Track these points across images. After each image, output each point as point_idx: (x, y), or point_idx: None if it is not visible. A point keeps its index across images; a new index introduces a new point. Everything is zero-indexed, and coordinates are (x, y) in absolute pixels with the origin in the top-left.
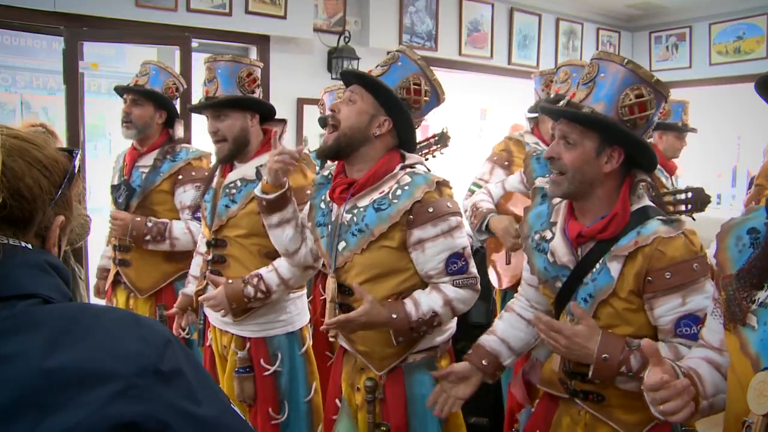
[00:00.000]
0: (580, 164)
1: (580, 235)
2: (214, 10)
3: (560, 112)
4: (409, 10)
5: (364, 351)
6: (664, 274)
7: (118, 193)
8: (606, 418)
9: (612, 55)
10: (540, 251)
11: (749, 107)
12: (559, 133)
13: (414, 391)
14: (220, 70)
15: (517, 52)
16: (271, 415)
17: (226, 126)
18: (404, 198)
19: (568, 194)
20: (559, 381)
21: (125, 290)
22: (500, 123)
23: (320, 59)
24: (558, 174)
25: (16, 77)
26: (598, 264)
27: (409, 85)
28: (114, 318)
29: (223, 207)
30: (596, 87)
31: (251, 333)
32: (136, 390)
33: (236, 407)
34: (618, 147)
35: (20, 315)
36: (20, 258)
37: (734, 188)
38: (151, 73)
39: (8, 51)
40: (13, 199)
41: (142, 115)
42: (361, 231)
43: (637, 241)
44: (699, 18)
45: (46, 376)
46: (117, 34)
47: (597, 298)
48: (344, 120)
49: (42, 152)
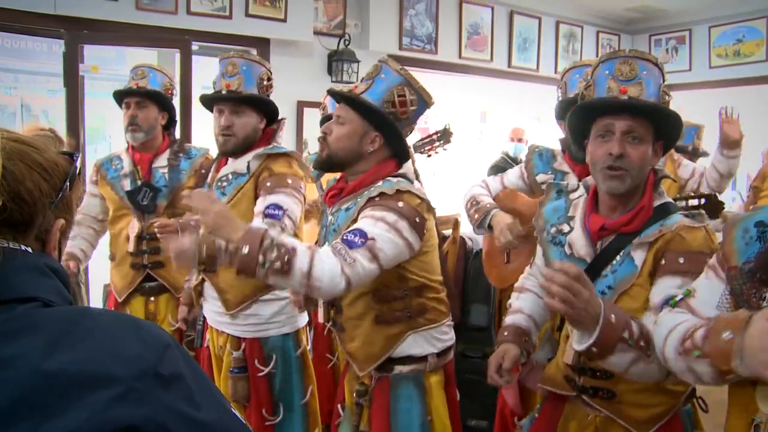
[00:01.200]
0: (646, 160)
1: (602, 228)
2: (214, 13)
3: (644, 106)
4: (409, 13)
5: (351, 350)
6: (677, 258)
7: (140, 195)
8: (616, 415)
9: (646, 54)
10: (556, 244)
11: (749, 110)
12: (624, 128)
13: (399, 404)
14: (245, 67)
15: (517, 55)
16: (265, 417)
17: (241, 122)
18: (365, 197)
19: (630, 190)
20: (565, 379)
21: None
22: (500, 126)
23: (320, 62)
24: (621, 170)
25: (16, 80)
26: (619, 256)
27: (393, 98)
28: (113, 321)
29: None
30: (645, 84)
31: (247, 333)
32: (135, 393)
33: (236, 411)
34: (661, 141)
35: (20, 318)
36: (20, 261)
37: (734, 191)
38: (149, 76)
39: (9, 54)
40: (13, 203)
41: (148, 117)
42: (335, 231)
43: (661, 230)
44: (699, 21)
45: (46, 379)
46: (117, 37)
47: (618, 289)
48: (334, 142)
49: (42, 155)
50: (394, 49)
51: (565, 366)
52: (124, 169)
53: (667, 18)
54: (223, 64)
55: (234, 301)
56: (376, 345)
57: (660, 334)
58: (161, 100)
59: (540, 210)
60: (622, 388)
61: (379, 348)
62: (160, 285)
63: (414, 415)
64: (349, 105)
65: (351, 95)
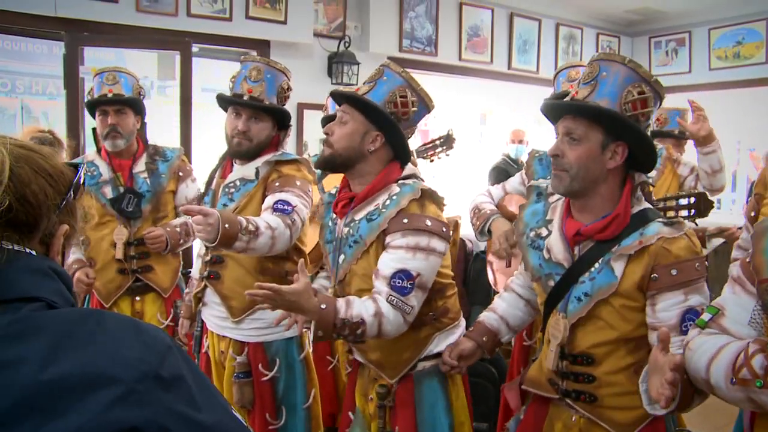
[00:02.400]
0: (585, 160)
1: (578, 233)
2: (214, 15)
3: (569, 106)
4: (409, 15)
5: (376, 360)
6: (669, 271)
7: (125, 202)
8: (598, 418)
9: (613, 55)
10: (535, 248)
11: (749, 112)
12: (563, 130)
13: (423, 398)
14: (270, 75)
15: (517, 57)
16: (268, 421)
17: (258, 128)
18: (391, 207)
19: (571, 191)
20: (548, 381)
21: (128, 296)
22: (500, 128)
23: (320, 64)
24: (561, 170)
25: (16, 82)
26: (597, 264)
27: (395, 99)
28: (115, 323)
29: (222, 206)
30: (599, 85)
31: (250, 338)
32: (136, 395)
33: (236, 412)
34: (622, 143)
35: (24, 319)
36: (24, 262)
37: (734, 193)
38: (121, 80)
39: (9, 56)
40: (19, 204)
41: (127, 123)
42: (356, 242)
43: (641, 240)
44: (698, 23)
45: (47, 382)
46: (117, 39)
47: (595, 297)
48: (337, 142)
49: (48, 162)
50: (394, 51)
51: (548, 369)
52: (103, 176)
53: (666, 20)
54: (247, 67)
55: (239, 308)
56: (407, 350)
57: (700, 362)
58: (137, 105)
59: (520, 214)
60: (604, 392)
61: (410, 353)
62: (145, 284)
63: (440, 408)
64: (351, 104)
65: (353, 94)
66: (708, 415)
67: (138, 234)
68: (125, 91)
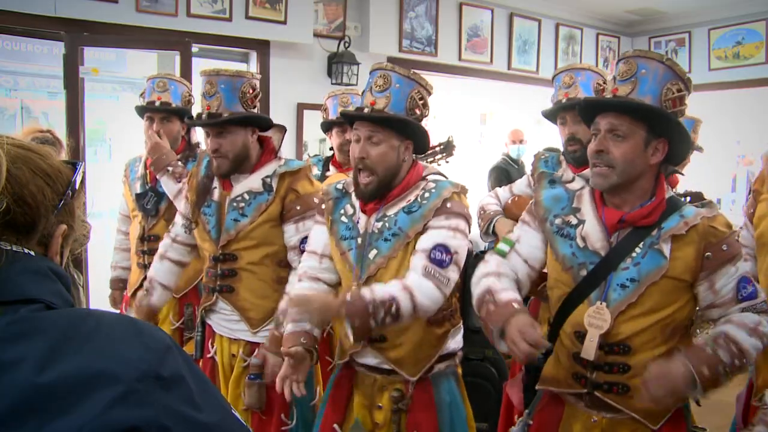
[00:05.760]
0: (631, 156)
1: (621, 221)
2: (214, 15)
3: (617, 103)
4: (409, 15)
5: (397, 357)
6: (721, 247)
7: (145, 200)
8: (629, 409)
9: (650, 53)
10: (564, 236)
11: (749, 112)
12: (607, 126)
13: (443, 400)
14: (223, 85)
15: (517, 58)
16: (282, 421)
17: (228, 142)
18: (434, 198)
19: (615, 187)
20: (573, 376)
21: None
22: (500, 128)
23: (320, 64)
24: (606, 167)
25: (16, 82)
26: (638, 249)
27: (416, 104)
28: (115, 324)
29: (232, 221)
30: (639, 82)
31: (264, 338)
32: (136, 395)
33: (238, 414)
34: (663, 139)
35: (23, 321)
36: (23, 263)
37: (734, 193)
38: (170, 88)
39: (9, 56)
40: (17, 205)
41: (172, 130)
42: (395, 235)
43: (686, 221)
44: (698, 23)
45: (47, 383)
46: (117, 39)
47: (645, 281)
48: (377, 165)
49: (46, 162)
50: (394, 52)
51: (572, 362)
52: (138, 172)
53: (666, 20)
54: (203, 83)
55: (258, 318)
56: (429, 347)
57: None
58: (182, 114)
59: (537, 198)
60: (637, 382)
61: (431, 349)
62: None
63: (460, 407)
64: (386, 125)
65: (386, 116)
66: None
67: (152, 231)
68: (173, 99)
